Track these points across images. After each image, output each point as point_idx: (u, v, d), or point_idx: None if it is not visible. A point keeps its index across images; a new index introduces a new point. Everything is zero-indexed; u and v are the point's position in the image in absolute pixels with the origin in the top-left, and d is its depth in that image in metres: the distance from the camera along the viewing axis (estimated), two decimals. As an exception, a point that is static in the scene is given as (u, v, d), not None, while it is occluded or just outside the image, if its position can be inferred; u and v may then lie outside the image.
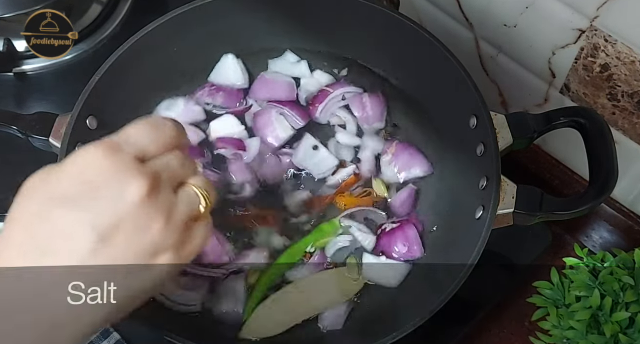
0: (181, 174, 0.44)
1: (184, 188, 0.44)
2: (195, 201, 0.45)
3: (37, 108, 0.65)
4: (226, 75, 0.72)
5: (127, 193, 0.40)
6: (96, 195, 0.40)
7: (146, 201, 0.41)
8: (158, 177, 0.42)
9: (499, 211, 0.59)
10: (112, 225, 0.40)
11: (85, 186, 0.40)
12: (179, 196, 0.44)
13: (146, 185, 0.41)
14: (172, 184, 0.43)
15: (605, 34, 0.62)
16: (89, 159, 0.41)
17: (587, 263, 0.64)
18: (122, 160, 0.41)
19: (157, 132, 0.44)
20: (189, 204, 0.44)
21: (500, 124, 0.62)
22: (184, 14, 0.67)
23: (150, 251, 0.41)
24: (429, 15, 0.78)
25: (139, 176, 0.41)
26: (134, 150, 0.42)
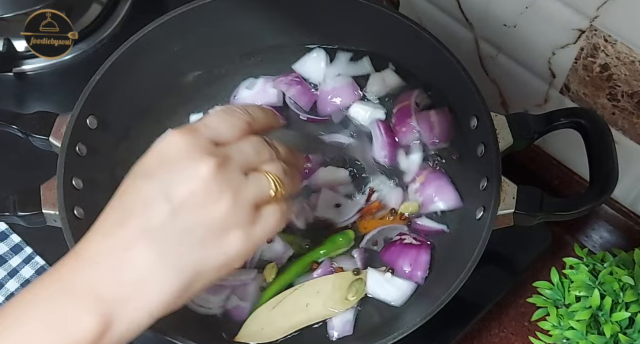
0: (255, 160, 0.47)
1: (255, 173, 0.47)
2: (266, 185, 0.47)
3: (38, 108, 0.65)
4: (309, 69, 0.72)
5: (198, 169, 0.44)
6: (171, 170, 0.44)
7: (215, 177, 0.44)
8: (228, 158, 0.45)
9: (499, 212, 0.59)
10: (183, 198, 0.43)
11: (163, 162, 0.45)
12: (249, 178, 0.46)
13: (214, 163, 0.44)
14: (243, 168, 0.46)
15: (605, 34, 0.62)
16: (169, 139, 0.45)
17: (587, 263, 0.64)
18: (196, 141, 0.45)
19: (231, 118, 0.47)
20: (259, 188, 0.46)
21: (500, 125, 0.62)
22: (184, 14, 0.67)
23: (219, 226, 0.44)
24: (429, 15, 0.78)
25: (209, 154, 0.44)
26: (209, 134, 0.46)
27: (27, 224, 0.61)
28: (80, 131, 0.62)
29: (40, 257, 0.72)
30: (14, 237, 0.73)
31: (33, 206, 0.59)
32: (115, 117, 0.66)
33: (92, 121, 0.63)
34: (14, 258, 0.72)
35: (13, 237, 0.73)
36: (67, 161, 0.60)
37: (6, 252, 0.72)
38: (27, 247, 0.73)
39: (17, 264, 0.72)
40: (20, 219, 0.60)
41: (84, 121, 0.63)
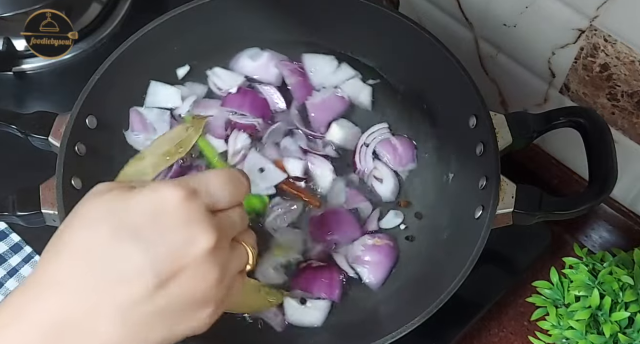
0: (239, 230, 0.45)
1: (237, 245, 0.45)
2: (245, 259, 0.46)
3: (37, 107, 0.65)
4: (316, 66, 0.71)
5: (195, 244, 0.41)
6: (165, 238, 0.40)
7: (209, 255, 0.41)
8: (224, 233, 0.43)
9: (498, 211, 0.59)
10: (172, 272, 0.40)
11: (157, 225, 0.40)
12: (234, 253, 0.44)
13: (213, 240, 0.41)
14: (229, 240, 0.44)
15: (605, 33, 0.62)
16: (167, 198, 0.41)
17: (587, 262, 0.64)
18: (197, 209, 0.41)
19: (236, 188, 0.44)
20: (240, 262, 0.45)
21: (499, 124, 0.62)
22: (184, 13, 0.67)
23: (198, 303, 0.42)
24: (429, 15, 0.78)
25: (209, 229, 0.41)
26: (209, 200, 0.42)
27: (26, 223, 0.61)
28: (79, 130, 0.62)
29: (40, 256, 0.72)
30: (14, 237, 0.73)
31: (32, 206, 0.59)
32: (114, 117, 0.66)
33: (92, 120, 0.63)
34: (13, 257, 0.72)
35: (12, 237, 0.73)
36: (67, 161, 0.60)
37: (6, 252, 0.72)
38: (26, 247, 0.73)
39: (17, 264, 0.72)
40: (20, 219, 0.60)
41: (83, 120, 0.63)
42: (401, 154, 0.68)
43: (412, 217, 0.67)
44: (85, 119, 0.63)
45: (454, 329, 0.68)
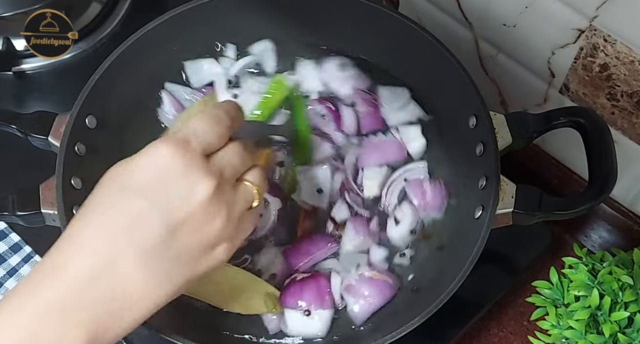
0: (241, 169, 0.47)
1: (241, 184, 0.47)
2: (251, 197, 0.48)
3: (37, 107, 0.65)
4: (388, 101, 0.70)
5: (196, 191, 0.44)
6: (168, 190, 0.43)
7: (212, 199, 0.44)
8: (223, 175, 0.45)
9: (498, 211, 0.59)
10: (180, 220, 0.43)
11: (158, 180, 0.43)
12: (238, 192, 0.47)
13: (213, 185, 0.44)
14: (233, 181, 0.47)
15: (605, 33, 0.62)
16: (162, 154, 0.44)
17: (586, 262, 0.64)
18: (192, 157, 0.44)
19: (220, 125, 0.46)
20: (246, 201, 0.48)
21: (499, 124, 0.62)
22: (184, 13, 0.67)
23: (212, 243, 0.45)
24: (429, 15, 0.78)
25: (207, 175, 0.44)
26: (201, 146, 0.45)
27: (26, 223, 0.61)
28: (79, 130, 0.62)
29: (40, 256, 0.72)
30: (13, 236, 0.73)
31: (32, 206, 0.59)
32: (114, 116, 0.66)
33: (91, 120, 0.63)
34: (13, 257, 0.72)
35: (12, 236, 0.73)
36: (66, 161, 0.60)
37: (5, 251, 0.72)
38: (26, 247, 0.73)
39: (17, 263, 0.72)
40: (19, 219, 0.60)
41: (83, 120, 0.63)
42: (429, 200, 0.65)
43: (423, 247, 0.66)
44: (85, 119, 0.63)
45: (453, 329, 0.68)
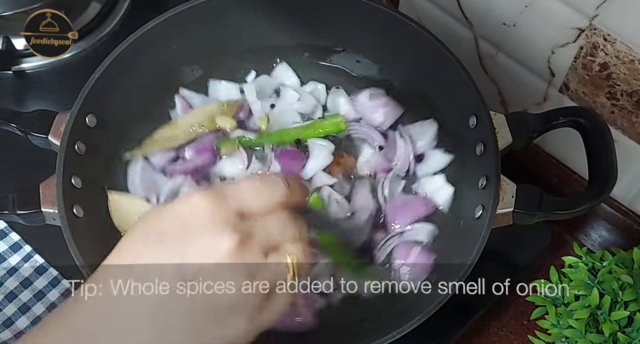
0: (279, 239, 0.44)
1: (276, 254, 0.44)
2: (284, 271, 0.44)
3: (37, 106, 0.65)
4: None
5: (218, 245, 0.41)
6: (190, 240, 0.41)
7: (232, 256, 0.41)
8: (251, 236, 0.42)
9: (498, 211, 0.59)
10: (196, 272, 0.41)
11: (182, 229, 0.42)
12: (268, 261, 0.43)
13: (236, 240, 0.41)
14: (264, 248, 0.43)
15: (605, 33, 0.62)
16: (194, 203, 0.42)
17: (586, 261, 0.64)
18: (223, 212, 0.42)
19: (267, 193, 0.44)
20: (276, 273, 0.44)
21: (499, 124, 0.62)
22: (184, 12, 0.67)
23: (227, 309, 0.42)
24: (428, 14, 0.78)
25: (232, 231, 0.42)
26: (238, 205, 0.43)
27: (26, 222, 0.61)
28: (79, 129, 0.62)
29: (40, 255, 0.72)
30: (13, 236, 0.73)
31: (32, 205, 0.59)
32: (114, 115, 0.66)
33: (92, 119, 0.63)
34: (13, 256, 0.72)
35: (12, 236, 0.73)
36: (67, 160, 0.60)
37: (5, 251, 0.72)
38: (26, 246, 0.73)
39: (16, 263, 0.72)
40: (19, 218, 0.60)
41: (83, 119, 0.63)
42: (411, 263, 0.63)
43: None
44: (85, 117, 0.63)
45: (453, 328, 0.68)
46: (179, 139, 0.67)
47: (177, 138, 0.67)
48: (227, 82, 0.71)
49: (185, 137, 0.67)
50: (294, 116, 0.69)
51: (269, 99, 0.71)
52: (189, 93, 0.71)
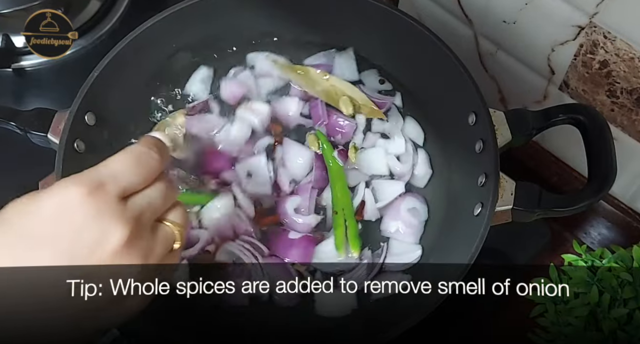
0: (161, 209, 0.43)
1: (161, 226, 0.43)
2: (172, 239, 0.44)
3: (36, 104, 0.65)
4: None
5: (108, 240, 0.39)
6: (75, 238, 0.39)
7: (126, 247, 0.40)
8: (140, 220, 0.41)
9: (497, 208, 0.59)
10: (89, 271, 0.39)
11: (65, 227, 0.39)
12: (157, 235, 0.42)
13: (126, 232, 0.40)
14: (151, 223, 0.42)
15: (605, 30, 0.62)
16: (72, 196, 0.39)
17: (586, 259, 0.64)
18: (105, 202, 0.40)
19: (142, 166, 0.42)
20: (166, 245, 0.43)
21: (499, 121, 0.62)
22: (183, 9, 0.67)
23: (120, 294, 0.41)
24: (428, 12, 0.78)
25: (120, 222, 0.40)
26: (117, 188, 0.41)
27: (25, 220, 0.61)
28: (78, 127, 0.62)
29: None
30: (13, 234, 0.73)
31: (32, 203, 0.59)
32: (113, 113, 0.66)
33: (91, 117, 0.63)
34: (12, 254, 0.72)
35: (12, 234, 0.73)
36: (66, 158, 0.60)
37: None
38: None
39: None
40: (19, 216, 0.60)
41: (83, 117, 0.63)
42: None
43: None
44: (85, 115, 0.63)
45: (452, 326, 0.68)
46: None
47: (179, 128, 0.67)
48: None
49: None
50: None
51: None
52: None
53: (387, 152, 0.68)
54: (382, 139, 0.69)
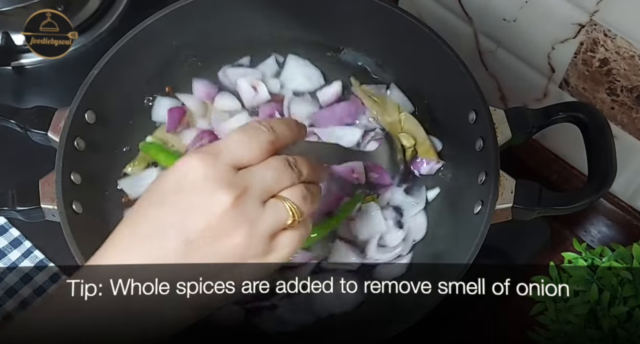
0: (275, 187, 0.46)
1: (274, 201, 0.46)
2: (283, 215, 0.46)
3: (36, 102, 0.65)
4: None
5: (214, 202, 0.43)
6: (187, 200, 0.43)
7: (231, 210, 0.43)
8: (247, 188, 0.44)
9: (497, 206, 0.59)
10: (198, 230, 0.43)
11: (179, 191, 0.44)
12: (267, 209, 0.45)
13: (232, 195, 0.43)
14: (262, 197, 0.45)
15: (605, 28, 0.62)
16: (187, 165, 0.44)
17: (586, 257, 0.64)
18: (216, 169, 0.44)
19: (255, 140, 0.45)
20: (276, 219, 0.46)
21: (499, 119, 0.62)
22: (183, 7, 0.67)
23: (232, 258, 0.44)
24: (428, 10, 0.78)
25: (227, 186, 0.43)
26: (229, 159, 0.44)
27: (25, 218, 0.61)
28: (78, 125, 0.62)
29: (40, 251, 0.72)
30: (13, 231, 0.73)
31: (31, 201, 0.59)
32: (113, 111, 0.66)
33: (91, 115, 0.63)
34: (13, 251, 0.72)
35: (12, 231, 0.73)
36: (66, 156, 0.60)
37: (5, 246, 0.72)
38: (26, 241, 0.73)
39: (17, 258, 0.72)
40: (19, 214, 0.60)
41: (83, 115, 0.63)
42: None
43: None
44: (85, 114, 0.63)
45: (452, 323, 0.68)
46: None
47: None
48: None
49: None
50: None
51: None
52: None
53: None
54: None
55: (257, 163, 0.45)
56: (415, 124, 0.68)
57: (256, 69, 0.72)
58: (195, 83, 0.71)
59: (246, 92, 0.70)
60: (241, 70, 0.71)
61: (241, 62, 0.72)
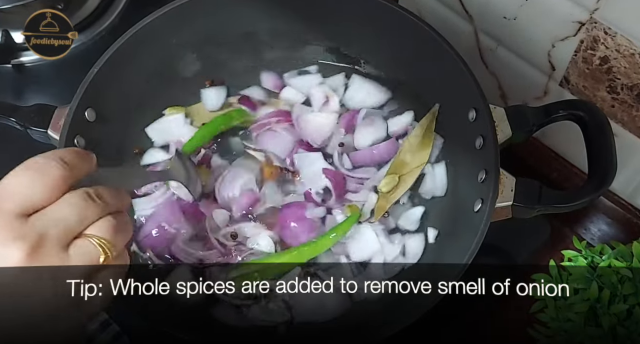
0: (78, 227, 0.41)
1: (80, 242, 0.41)
2: (94, 255, 0.41)
3: (36, 100, 0.65)
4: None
5: (7, 259, 0.38)
6: None
7: (29, 263, 0.38)
8: (43, 236, 0.39)
9: (497, 204, 0.59)
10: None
11: None
12: (72, 253, 0.40)
13: (25, 248, 0.38)
14: (63, 241, 0.40)
15: (605, 26, 0.62)
16: None
17: (586, 255, 0.64)
18: (2, 219, 0.38)
19: (44, 178, 0.40)
20: (86, 261, 0.41)
21: (499, 117, 0.62)
22: (183, 5, 0.67)
23: (44, 314, 0.39)
24: (429, 8, 0.78)
25: (18, 238, 0.38)
26: (14, 206, 0.39)
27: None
28: (78, 123, 0.62)
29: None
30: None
31: (32, 199, 0.59)
32: (113, 109, 0.66)
33: (91, 113, 0.63)
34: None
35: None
36: (66, 154, 0.60)
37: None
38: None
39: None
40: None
41: (83, 113, 0.63)
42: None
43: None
44: (85, 111, 0.63)
45: (452, 322, 0.68)
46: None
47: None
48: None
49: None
50: None
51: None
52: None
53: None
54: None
55: (50, 203, 0.40)
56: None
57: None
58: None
59: (317, 99, 0.71)
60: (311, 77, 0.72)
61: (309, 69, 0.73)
